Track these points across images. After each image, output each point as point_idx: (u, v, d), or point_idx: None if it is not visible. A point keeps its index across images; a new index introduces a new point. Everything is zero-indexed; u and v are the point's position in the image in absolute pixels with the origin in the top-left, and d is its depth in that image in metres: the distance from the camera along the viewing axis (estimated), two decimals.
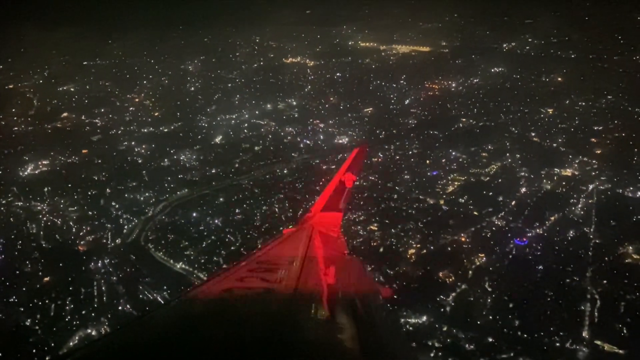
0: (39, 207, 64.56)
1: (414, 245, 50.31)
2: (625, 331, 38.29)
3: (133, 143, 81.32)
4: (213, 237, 55.70)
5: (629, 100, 78.44)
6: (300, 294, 4.51)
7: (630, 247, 46.82)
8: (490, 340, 39.02)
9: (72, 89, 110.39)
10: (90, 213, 62.65)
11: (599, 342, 37.73)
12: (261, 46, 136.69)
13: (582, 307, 41.11)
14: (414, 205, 57.17)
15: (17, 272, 52.50)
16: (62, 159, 76.93)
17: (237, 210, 60.51)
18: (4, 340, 43.30)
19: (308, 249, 6.47)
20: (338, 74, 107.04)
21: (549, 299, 42.16)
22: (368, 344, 3.99)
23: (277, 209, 59.94)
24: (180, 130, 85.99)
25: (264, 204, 61.35)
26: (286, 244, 7.05)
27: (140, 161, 75.36)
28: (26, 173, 73.72)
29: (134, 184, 68.56)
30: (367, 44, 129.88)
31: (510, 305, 41.97)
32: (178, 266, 52.19)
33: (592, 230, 49.92)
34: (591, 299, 41.80)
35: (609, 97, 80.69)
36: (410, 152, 69.98)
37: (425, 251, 49.53)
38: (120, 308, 46.72)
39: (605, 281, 43.32)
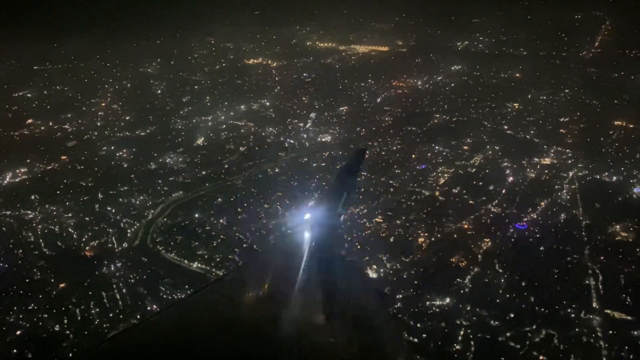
0: (30, 215, 63.13)
1: (422, 235, 53.44)
2: (629, 300, 42.84)
3: (113, 148, 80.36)
4: (222, 237, 56.67)
5: (585, 93, 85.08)
6: (297, 297, 4.59)
7: (618, 226, 51.86)
8: (512, 315, 42.55)
9: (28, 95, 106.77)
10: (87, 219, 61.99)
11: (609, 311, 41.98)
12: (218, 48, 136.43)
13: (587, 282, 45.36)
14: (412, 198, 60.37)
15: (27, 280, 51.58)
16: (41, 166, 75.05)
17: (238, 209, 61.72)
18: (37, 347, 43.04)
19: (306, 252, 6.52)
20: (304, 74, 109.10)
21: (556, 276, 46.23)
22: (364, 345, 4.17)
23: (279, 207, 61.50)
24: (158, 134, 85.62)
25: (264, 202, 62.70)
26: (284, 247, 7.29)
27: (125, 165, 74.79)
28: (6, 182, 71.55)
29: (125, 188, 68.13)
30: (326, 44, 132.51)
31: (523, 284, 45.69)
32: (194, 266, 52.96)
33: (580, 212, 54.72)
34: (593, 273, 46.17)
35: (566, 90, 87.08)
36: (395, 148, 73.15)
37: (433, 239, 52.76)
38: (148, 308, 47.19)
39: (602, 257, 47.91)
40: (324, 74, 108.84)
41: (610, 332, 40.19)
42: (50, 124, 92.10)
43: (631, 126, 71.66)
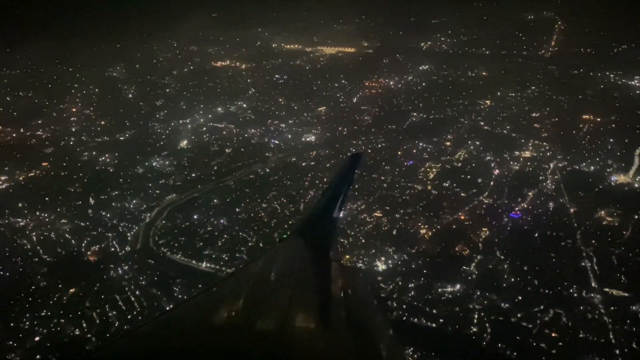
0: (22, 223, 62.03)
1: (422, 226, 55.84)
2: (624, 278, 46.34)
3: (94, 153, 79.40)
4: (226, 236, 57.45)
5: (550, 90, 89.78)
6: (295, 305, 4.56)
7: (603, 212, 55.70)
8: (520, 298, 45.35)
9: None
10: (83, 224, 61.51)
11: (607, 289, 45.32)
12: (182, 51, 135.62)
13: (583, 264, 48.72)
14: (406, 192, 62.74)
15: (33, 287, 51.08)
16: (22, 174, 73.46)
17: (237, 210, 62.49)
18: (61, 352, 42.87)
19: (302, 259, 6.60)
20: (276, 76, 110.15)
21: (554, 260, 49.42)
22: (362, 352, 4.21)
23: (277, 205, 62.70)
24: (138, 138, 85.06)
25: (261, 202, 63.70)
26: (281, 255, 7.09)
27: (111, 170, 74.17)
28: None
29: (117, 192, 67.75)
30: (291, 46, 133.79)
31: (525, 268, 48.63)
32: (203, 265, 53.58)
33: (567, 200, 58.36)
34: (587, 256, 49.61)
35: (533, 87, 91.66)
36: (380, 146, 75.43)
37: (434, 230, 55.25)
38: (167, 308, 47.58)
39: (593, 241, 51.48)
40: (296, 75, 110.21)
41: (612, 308, 43.47)
42: (22, 130, 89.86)
43: (598, 120, 76.38)
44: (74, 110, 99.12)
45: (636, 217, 54.44)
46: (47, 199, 66.73)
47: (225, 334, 4.06)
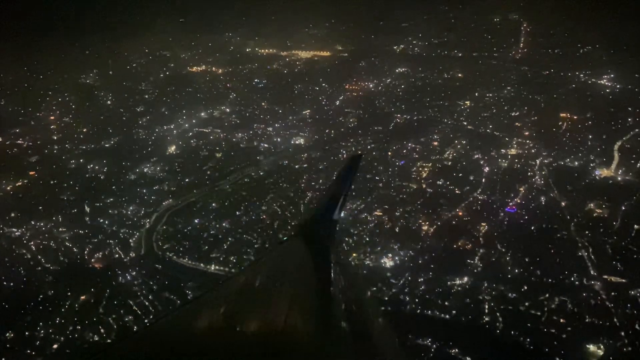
0: (17, 233, 61.39)
1: (423, 223, 57.75)
2: (619, 266, 49.13)
3: (82, 161, 78.70)
4: (231, 239, 58.03)
5: (525, 90, 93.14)
6: (294, 306, 4.54)
7: (592, 204, 58.72)
8: (526, 287, 47.62)
9: None
10: (81, 232, 61.17)
11: (606, 276, 48.04)
12: (155, 57, 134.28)
13: (580, 254, 51.36)
14: (402, 191, 64.59)
15: (41, 296, 50.85)
16: (10, 183, 72.44)
17: (237, 213, 63.11)
18: (82, 357, 42.85)
19: (302, 260, 6.56)
20: (255, 80, 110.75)
21: (552, 251, 51.90)
22: (362, 352, 4.26)
23: (277, 207, 63.58)
24: (124, 145, 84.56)
25: (261, 204, 64.45)
26: (281, 256, 7.12)
27: (102, 177, 73.70)
28: None
29: (111, 199, 67.51)
30: (266, 50, 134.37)
31: (526, 260, 50.95)
32: (212, 268, 54.16)
33: (557, 194, 61.21)
34: (583, 246, 52.33)
35: (509, 87, 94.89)
36: (369, 147, 77.01)
37: (435, 227, 57.20)
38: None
39: (587, 232, 54.25)
40: (275, 79, 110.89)
41: (612, 294, 46.17)
42: (1, 140, 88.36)
43: (575, 117, 79.94)
44: (52, 118, 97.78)
45: (623, 208, 57.64)
46: (40, 207, 66.03)
47: (224, 336, 4.04)
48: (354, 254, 53.60)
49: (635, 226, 54.42)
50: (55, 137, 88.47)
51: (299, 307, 4.63)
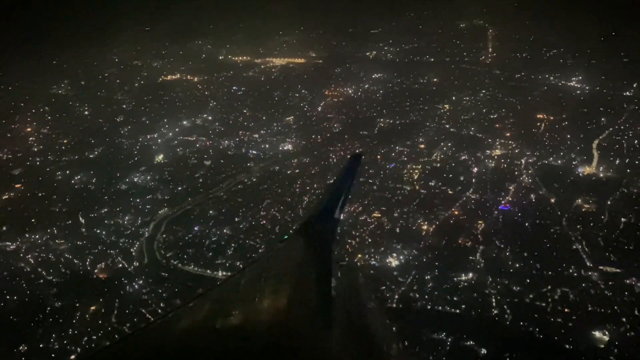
0: (12, 247, 60.64)
1: (422, 223, 59.66)
2: (613, 257, 52.04)
3: (68, 172, 77.70)
4: (234, 245, 58.64)
5: (500, 92, 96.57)
6: (295, 306, 4.57)
7: (579, 200, 61.81)
8: (528, 281, 49.93)
9: None
10: (80, 243, 60.74)
11: (601, 267, 50.82)
12: (126, 66, 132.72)
13: (575, 247, 54.10)
14: (397, 193, 66.39)
15: (49, 308, 50.52)
16: None
17: (236, 219, 63.66)
18: None
19: (302, 259, 6.57)
20: (234, 88, 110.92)
21: (548, 245, 54.56)
22: (363, 353, 4.30)
23: (275, 212, 64.42)
24: (109, 155, 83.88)
25: (258, 210, 65.19)
26: (281, 255, 7.12)
27: (92, 188, 73.12)
28: None
29: (105, 209, 67.12)
30: (239, 57, 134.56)
31: (525, 254, 53.35)
32: (219, 274, 54.57)
33: (545, 192, 64.12)
34: (576, 240, 55.12)
35: (484, 91, 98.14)
36: (358, 151, 78.38)
37: (434, 226, 59.18)
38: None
39: (578, 226, 57.19)
40: (253, 86, 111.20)
41: (610, 283, 48.94)
42: None
43: (552, 118, 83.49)
44: (29, 130, 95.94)
45: (609, 202, 60.93)
46: (33, 220, 65.19)
47: (223, 335, 4.06)
48: (359, 255, 54.99)
49: (623, 219, 57.70)
50: (35, 149, 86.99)
51: (298, 306, 4.64)
